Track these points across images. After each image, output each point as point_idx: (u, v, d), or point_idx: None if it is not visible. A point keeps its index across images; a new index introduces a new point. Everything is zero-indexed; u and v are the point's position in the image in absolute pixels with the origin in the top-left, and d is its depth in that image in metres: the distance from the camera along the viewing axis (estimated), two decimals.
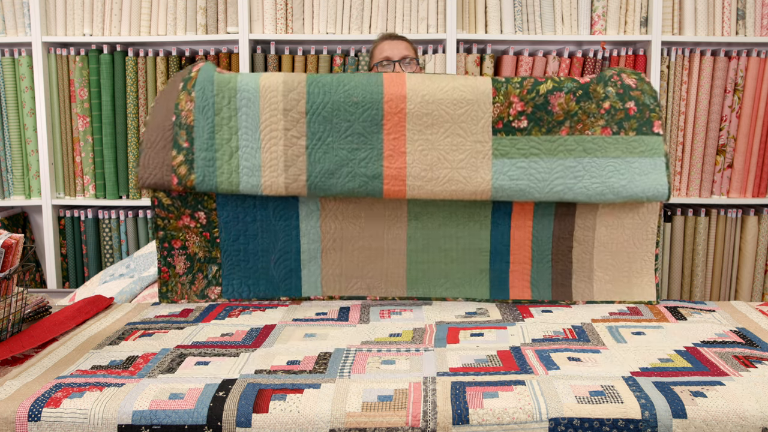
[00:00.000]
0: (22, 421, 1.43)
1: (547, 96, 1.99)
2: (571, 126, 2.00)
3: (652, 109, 2.03)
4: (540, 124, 1.99)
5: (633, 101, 2.02)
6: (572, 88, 2.01)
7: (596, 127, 2.00)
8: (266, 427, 1.41)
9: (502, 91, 1.99)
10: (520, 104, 1.98)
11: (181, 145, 2.00)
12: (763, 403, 1.44)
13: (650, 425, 1.40)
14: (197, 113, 2.00)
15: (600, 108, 2.01)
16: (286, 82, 1.98)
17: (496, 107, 1.98)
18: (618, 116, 2.01)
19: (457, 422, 1.41)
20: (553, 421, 1.41)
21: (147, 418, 1.42)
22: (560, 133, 1.99)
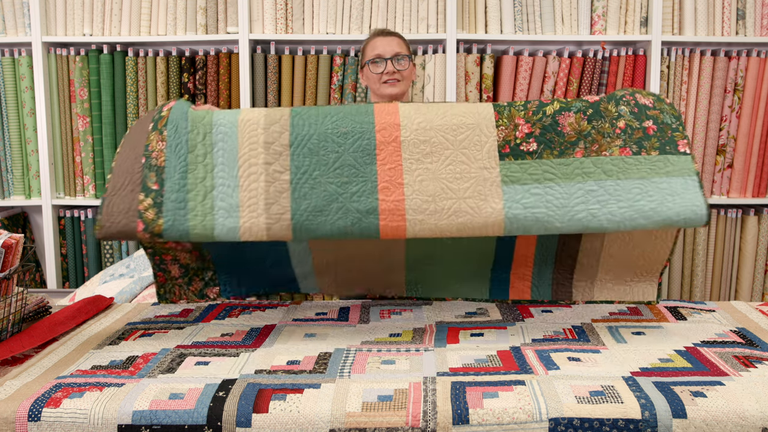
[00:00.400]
0: (22, 421, 1.43)
1: (555, 116, 1.78)
2: (585, 147, 1.77)
3: (675, 128, 1.80)
4: (551, 146, 1.77)
5: (651, 120, 1.81)
6: (581, 107, 1.80)
7: (614, 148, 1.77)
8: (266, 427, 1.41)
9: (505, 113, 1.79)
10: (527, 126, 1.77)
11: (149, 188, 1.75)
12: (763, 403, 1.44)
13: (650, 425, 1.40)
14: (169, 152, 1.77)
15: (615, 127, 1.79)
16: (268, 115, 1.78)
17: (501, 130, 1.77)
18: (636, 135, 1.78)
19: (457, 422, 1.41)
20: (553, 421, 1.41)
21: (147, 418, 1.42)
22: (575, 155, 1.76)
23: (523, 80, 3.25)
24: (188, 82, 3.30)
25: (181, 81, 3.30)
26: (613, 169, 1.74)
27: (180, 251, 2.00)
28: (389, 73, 2.31)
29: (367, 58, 2.39)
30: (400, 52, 2.36)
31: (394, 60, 2.33)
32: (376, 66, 2.34)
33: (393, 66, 2.33)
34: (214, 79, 3.29)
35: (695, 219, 1.72)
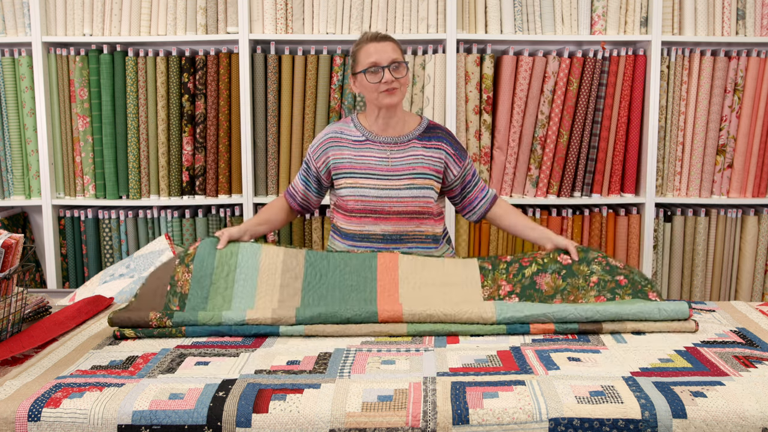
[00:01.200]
0: (22, 421, 1.43)
1: (533, 277, 2.06)
2: (563, 298, 2.02)
3: (645, 285, 2.03)
4: (532, 299, 2.02)
5: (622, 276, 2.05)
6: (556, 269, 2.07)
7: (589, 297, 2.01)
8: (266, 427, 1.41)
9: (489, 277, 2.08)
10: (509, 286, 2.06)
11: (171, 309, 1.98)
12: (763, 403, 1.44)
13: (650, 425, 1.40)
14: (193, 283, 2.03)
15: (588, 282, 2.04)
16: (285, 262, 2.07)
17: (486, 290, 2.05)
18: (609, 286, 2.02)
19: (457, 422, 1.41)
20: (553, 421, 1.41)
21: (147, 418, 1.42)
22: (554, 302, 1.99)
23: (523, 80, 3.25)
24: (188, 82, 3.30)
25: (181, 81, 3.30)
26: (591, 309, 1.89)
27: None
28: (387, 82, 2.20)
29: (362, 67, 2.24)
30: (397, 58, 2.21)
31: (391, 68, 2.20)
32: (373, 75, 2.20)
33: (391, 75, 2.20)
34: (214, 79, 3.29)
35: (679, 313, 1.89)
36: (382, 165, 2.29)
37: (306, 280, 2.05)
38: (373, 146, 2.32)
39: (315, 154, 2.37)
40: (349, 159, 2.31)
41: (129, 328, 1.89)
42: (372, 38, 2.26)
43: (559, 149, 3.31)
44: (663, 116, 3.30)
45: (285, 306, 1.98)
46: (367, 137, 2.32)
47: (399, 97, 2.24)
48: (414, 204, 2.28)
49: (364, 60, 2.25)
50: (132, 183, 3.35)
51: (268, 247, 2.12)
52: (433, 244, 2.36)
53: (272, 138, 3.31)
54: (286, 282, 2.04)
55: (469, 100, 3.28)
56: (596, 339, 1.83)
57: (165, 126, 3.31)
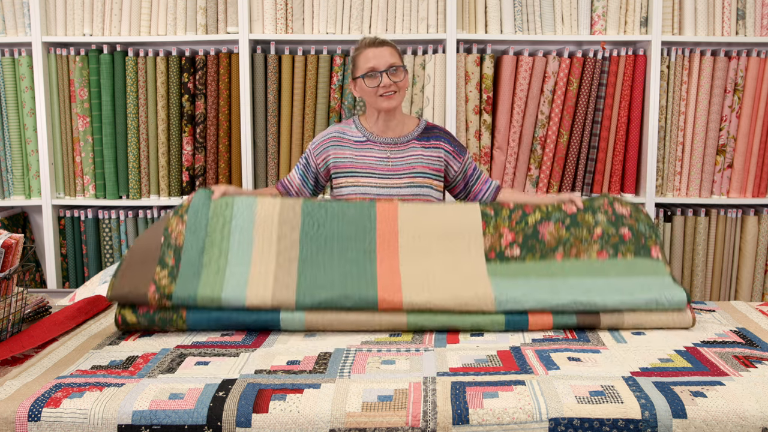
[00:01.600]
0: (22, 421, 1.43)
1: (536, 226, 2.02)
2: (565, 251, 1.99)
3: (649, 236, 2.01)
4: (533, 251, 1.99)
5: (627, 227, 2.02)
6: (560, 217, 2.04)
7: (591, 251, 1.99)
8: (266, 427, 1.41)
9: (491, 224, 2.03)
10: (511, 234, 2.01)
11: (166, 263, 1.94)
12: (763, 403, 1.44)
13: (650, 425, 1.40)
14: (188, 234, 1.99)
15: (592, 234, 2.01)
16: (282, 214, 2.03)
17: (487, 239, 2.00)
18: (612, 240, 2.00)
19: (457, 422, 1.41)
20: (553, 421, 1.41)
21: (147, 418, 1.42)
22: (555, 258, 1.98)
23: (523, 80, 3.25)
24: (188, 82, 3.30)
25: (181, 81, 3.30)
26: (591, 270, 1.92)
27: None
28: (386, 86, 2.25)
29: (361, 72, 2.29)
30: (395, 63, 2.26)
31: (389, 72, 2.25)
32: (372, 80, 2.25)
33: (389, 79, 2.25)
34: (214, 79, 3.29)
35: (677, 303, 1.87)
36: (383, 165, 2.34)
37: (303, 230, 2.00)
38: (374, 146, 2.36)
39: (316, 150, 2.40)
40: (350, 159, 2.35)
41: (129, 309, 1.88)
42: (370, 43, 2.30)
43: (559, 149, 3.30)
44: (663, 116, 3.30)
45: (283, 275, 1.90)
46: (368, 138, 2.37)
47: (397, 100, 2.29)
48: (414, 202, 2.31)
49: (362, 65, 2.30)
50: (132, 183, 3.35)
51: (264, 198, 2.08)
52: None
53: (272, 138, 3.31)
54: (283, 233, 2.00)
55: (469, 100, 3.28)
56: (596, 339, 1.82)
57: (165, 126, 3.31)
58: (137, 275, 1.91)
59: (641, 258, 1.96)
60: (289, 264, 1.94)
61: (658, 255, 1.98)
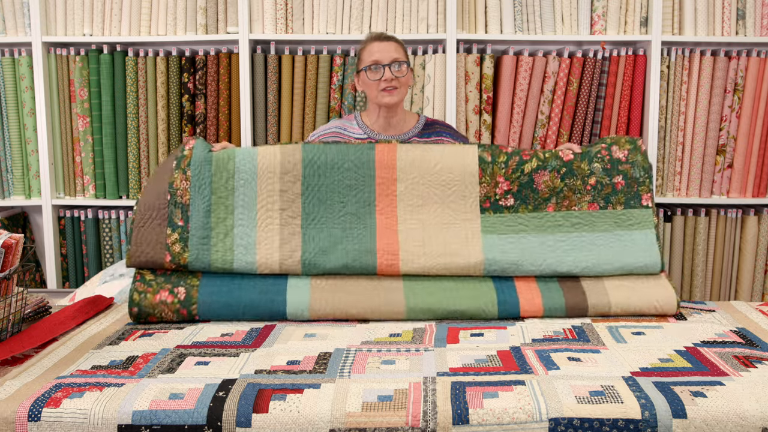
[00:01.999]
0: (22, 421, 1.43)
1: (531, 175, 2.08)
2: (557, 203, 2.08)
3: (642, 182, 2.09)
4: (526, 201, 2.07)
5: (621, 175, 2.09)
6: (556, 166, 2.09)
7: (583, 203, 2.07)
8: (266, 427, 1.41)
9: (488, 172, 2.08)
10: (506, 183, 2.07)
11: (176, 224, 2.04)
12: (763, 403, 1.44)
13: (650, 425, 1.40)
14: (193, 192, 2.05)
15: (586, 184, 2.08)
16: (283, 164, 2.07)
17: (483, 187, 2.07)
18: (605, 191, 2.08)
19: (457, 422, 1.41)
20: (553, 421, 1.41)
21: (147, 418, 1.42)
22: (547, 210, 2.07)
23: (523, 80, 3.25)
24: (188, 82, 3.30)
25: (181, 81, 3.30)
26: (580, 222, 2.05)
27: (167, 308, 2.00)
28: (387, 80, 2.27)
29: (364, 64, 2.33)
30: (398, 58, 2.29)
31: (392, 67, 2.27)
32: (374, 73, 2.28)
33: (391, 73, 2.27)
34: (214, 79, 3.29)
35: (650, 267, 2.05)
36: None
37: (305, 183, 2.06)
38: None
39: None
40: None
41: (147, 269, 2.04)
42: (376, 38, 2.35)
43: None
44: (663, 116, 3.30)
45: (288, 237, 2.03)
46: (369, 135, 2.38)
47: (398, 96, 2.30)
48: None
49: (367, 58, 2.33)
50: (132, 183, 3.35)
51: (264, 148, 2.12)
52: None
53: (272, 138, 3.31)
54: (285, 186, 2.06)
55: (469, 100, 3.28)
56: (596, 339, 1.83)
57: (165, 126, 3.31)
58: (150, 240, 2.02)
59: (631, 209, 2.07)
60: (293, 222, 2.05)
61: (648, 202, 2.08)
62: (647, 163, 2.11)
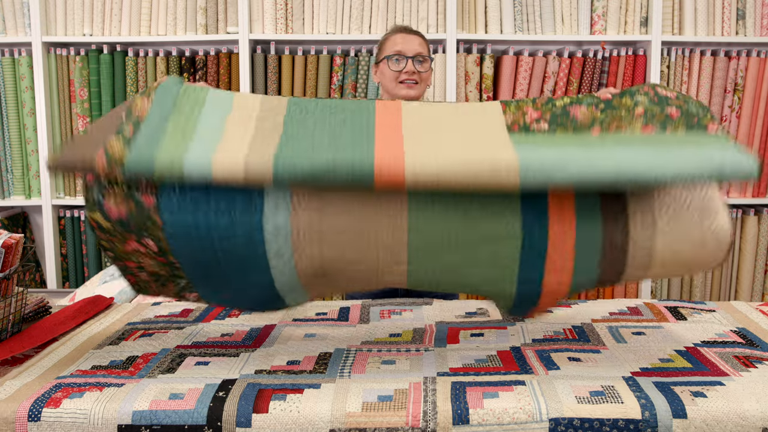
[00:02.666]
0: (22, 421, 1.43)
1: (565, 107, 1.61)
2: (602, 127, 1.57)
3: (703, 116, 1.59)
4: (565, 127, 1.56)
5: (674, 107, 1.60)
6: (592, 102, 1.63)
7: (635, 126, 1.56)
8: (266, 427, 1.41)
9: (512, 105, 1.63)
10: (537, 113, 1.60)
11: (124, 130, 1.51)
12: (763, 403, 1.44)
13: (650, 425, 1.40)
14: (153, 107, 1.56)
15: (632, 113, 1.59)
16: (264, 101, 1.64)
17: (508, 115, 1.60)
18: (658, 118, 1.58)
19: (457, 422, 1.41)
20: (553, 421, 1.41)
21: (147, 418, 1.42)
22: (591, 133, 1.56)
23: (523, 80, 3.25)
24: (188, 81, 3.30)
25: None
26: (637, 141, 1.50)
27: (144, 255, 1.58)
28: (408, 72, 2.18)
29: (386, 54, 2.22)
30: (422, 52, 2.20)
31: (415, 60, 2.19)
32: (396, 63, 2.18)
33: (414, 66, 2.18)
34: (214, 79, 3.29)
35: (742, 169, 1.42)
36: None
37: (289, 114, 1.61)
38: None
39: None
40: None
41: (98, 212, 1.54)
42: (402, 29, 2.26)
43: None
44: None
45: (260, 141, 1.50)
46: None
47: (418, 90, 2.22)
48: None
49: (389, 48, 2.24)
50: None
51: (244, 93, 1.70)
52: None
53: None
54: (264, 115, 1.61)
55: (469, 101, 3.28)
56: (596, 339, 1.82)
57: None
58: (87, 142, 1.55)
59: (696, 132, 1.55)
60: (271, 131, 1.54)
61: (717, 131, 1.55)
62: (703, 105, 1.63)
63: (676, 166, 1.41)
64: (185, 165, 1.43)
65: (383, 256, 1.54)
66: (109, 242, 1.58)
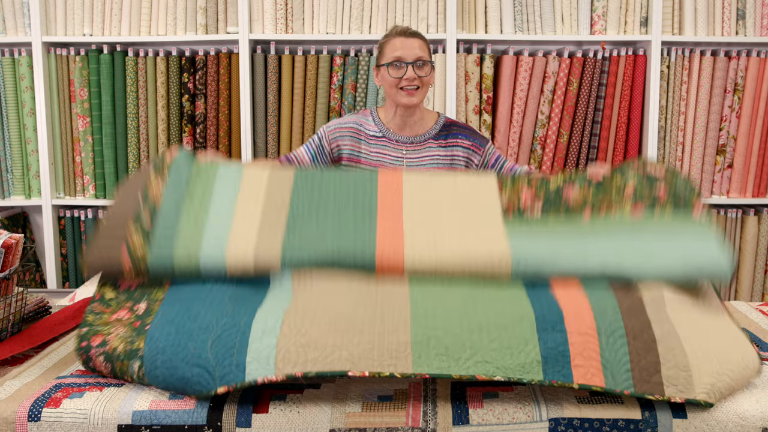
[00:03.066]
0: (22, 421, 1.43)
1: (558, 190, 1.75)
2: (593, 210, 1.70)
3: (689, 196, 1.71)
4: (557, 211, 1.70)
5: (662, 187, 1.73)
6: (584, 181, 1.77)
7: (624, 207, 1.69)
8: (266, 427, 1.41)
9: (508, 186, 1.77)
10: (530, 194, 1.74)
11: (142, 222, 1.68)
12: (763, 403, 1.44)
13: (650, 425, 1.40)
14: (167, 190, 1.74)
15: (622, 193, 1.72)
16: (272, 176, 1.78)
17: (504, 196, 1.74)
18: (647, 198, 1.72)
19: (457, 422, 1.41)
20: (553, 421, 1.41)
21: (147, 418, 1.42)
22: (582, 217, 1.69)
23: (523, 80, 3.25)
24: (188, 82, 3.30)
25: (181, 81, 3.30)
26: (625, 228, 1.62)
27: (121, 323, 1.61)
28: (409, 79, 2.16)
29: (386, 60, 2.20)
30: (423, 56, 2.17)
31: (415, 65, 2.16)
32: (396, 70, 2.16)
33: (414, 72, 2.16)
34: (214, 79, 3.29)
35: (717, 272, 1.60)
36: (397, 164, 2.27)
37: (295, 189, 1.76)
38: (389, 144, 2.29)
39: (332, 135, 2.30)
40: (366, 154, 2.29)
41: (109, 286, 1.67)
42: (401, 32, 2.22)
43: (559, 149, 3.31)
44: (663, 116, 3.30)
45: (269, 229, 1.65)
46: (384, 134, 2.29)
47: (418, 98, 2.20)
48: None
49: (389, 53, 2.21)
50: None
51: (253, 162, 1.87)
52: None
53: (272, 138, 3.31)
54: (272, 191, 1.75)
55: (469, 100, 3.28)
56: None
57: (165, 126, 3.31)
58: (111, 237, 1.67)
59: (681, 217, 1.66)
60: (277, 216, 1.68)
61: (701, 214, 1.67)
62: (691, 185, 1.75)
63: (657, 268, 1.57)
64: (201, 262, 1.61)
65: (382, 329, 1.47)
66: (97, 313, 1.65)
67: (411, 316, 1.46)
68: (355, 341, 1.40)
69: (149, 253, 1.63)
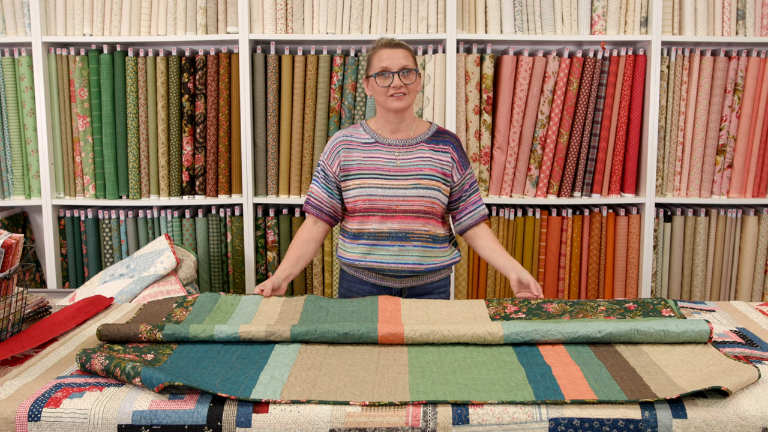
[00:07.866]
0: (22, 421, 1.43)
1: (539, 305, 2.02)
2: (572, 316, 1.95)
3: (657, 303, 1.97)
4: (539, 316, 1.96)
5: (631, 302, 1.99)
6: (563, 301, 2.05)
7: (599, 315, 1.94)
8: (266, 427, 1.41)
9: (494, 303, 2.06)
10: (515, 308, 2.01)
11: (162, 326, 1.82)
12: (763, 403, 1.44)
13: (650, 425, 1.40)
14: (190, 315, 1.98)
15: (596, 310, 1.97)
16: (285, 302, 2.10)
17: (491, 309, 2.02)
18: (618, 311, 1.95)
19: (457, 422, 1.41)
20: (553, 421, 1.41)
21: (147, 418, 1.42)
22: (562, 319, 1.92)
23: (523, 80, 3.25)
24: (188, 82, 3.30)
25: (181, 81, 3.30)
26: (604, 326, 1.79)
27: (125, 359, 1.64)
28: (396, 87, 2.28)
29: (374, 71, 2.33)
30: (407, 65, 2.30)
31: (401, 74, 2.29)
32: (383, 79, 2.29)
33: (400, 80, 2.28)
34: (214, 79, 3.29)
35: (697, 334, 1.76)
36: (390, 165, 2.33)
37: (305, 310, 2.03)
38: (382, 147, 2.36)
39: (329, 159, 2.39)
40: (358, 161, 2.34)
41: (118, 343, 1.78)
42: (386, 44, 2.34)
43: (559, 149, 3.31)
44: (663, 116, 3.30)
45: (282, 321, 1.94)
46: (376, 139, 2.37)
47: (407, 101, 2.31)
48: (420, 203, 2.31)
49: (376, 64, 2.33)
50: (132, 183, 3.35)
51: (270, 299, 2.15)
52: (438, 244, 2.37)
53: (272, 138, 3.31)
54: (285, 311, 2.04)
55: (469, 100, 3.28)
56: None
57: (165, 126, 3.31)
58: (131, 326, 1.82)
59: (652, 317, 1.90)
60: (289, 320, 1.96)
61: (672, 314, 1.92)
62: (658, 299, 2.01)
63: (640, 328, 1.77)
64: (216, 331, 1.78)
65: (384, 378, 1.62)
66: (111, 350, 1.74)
67: (409, 372, 1.61)
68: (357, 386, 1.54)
69: (165, 331, 1.79)
